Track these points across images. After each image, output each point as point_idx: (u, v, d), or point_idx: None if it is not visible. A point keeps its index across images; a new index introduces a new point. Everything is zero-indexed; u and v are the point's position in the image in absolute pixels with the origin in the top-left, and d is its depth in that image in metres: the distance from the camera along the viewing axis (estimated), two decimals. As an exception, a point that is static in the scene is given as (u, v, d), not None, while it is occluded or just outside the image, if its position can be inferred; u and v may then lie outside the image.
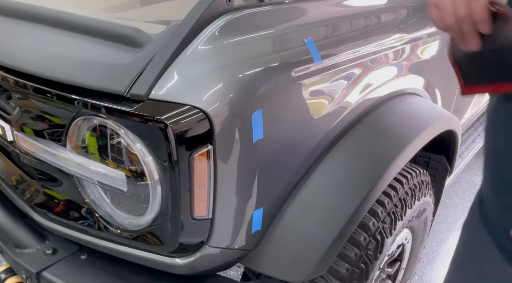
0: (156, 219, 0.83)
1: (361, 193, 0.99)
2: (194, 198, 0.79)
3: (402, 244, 1.40)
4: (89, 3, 1.24)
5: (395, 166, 1.06)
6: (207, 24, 0.81)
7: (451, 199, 2.74)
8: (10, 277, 1.11)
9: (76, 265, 1.01)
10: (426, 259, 2.17)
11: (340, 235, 0.96)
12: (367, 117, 1.12)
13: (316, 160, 1.02)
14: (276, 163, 0.91)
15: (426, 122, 1.21)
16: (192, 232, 0.83)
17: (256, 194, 0.89)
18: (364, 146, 1.08)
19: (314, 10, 1.03)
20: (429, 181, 1.37)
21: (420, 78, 1.38)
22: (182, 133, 0.72)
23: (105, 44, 0.84)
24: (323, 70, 0.94)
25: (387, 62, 1.17)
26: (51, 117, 0.87)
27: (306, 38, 0.92)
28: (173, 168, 0.75)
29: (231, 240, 0.91)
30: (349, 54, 1.02)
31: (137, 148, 0.76)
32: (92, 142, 0.83)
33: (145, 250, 0.89)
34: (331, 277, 1.05)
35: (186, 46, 0.79)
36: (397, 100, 1.24)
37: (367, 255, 1.08)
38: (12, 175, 1.08)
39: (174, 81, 0.75)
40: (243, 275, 1.21)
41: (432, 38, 1.39)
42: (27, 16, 0.96)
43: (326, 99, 0.97)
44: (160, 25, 0.92)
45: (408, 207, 1.21)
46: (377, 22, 1.18)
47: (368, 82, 1.10)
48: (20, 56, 0.90)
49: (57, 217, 0.99)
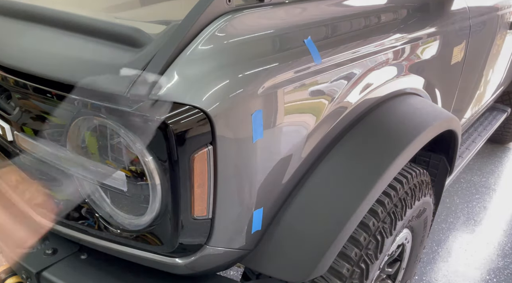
0: (156, 219, 0.83)
1: (361, 193, 0.99)
2: (194, 198, 0.79)
3: (402, 244, 1.40)
4: (89, 3, 1.24)
5: (395, 166, 1.06)
6: (207, 24, 0.81)
7: (451, 199, 2.74)
8: (10, 277, 1.11)
9: (76, 265, 1.01)
10: (426, 259, 2.17)
11: (340, 235, 0.96)
12: (367, 117, 1.12)
13: (316, 159, 1.02)
14: (276, 163, 0.91)
15: (426, 122, 1.21)
16: (192, 232, 0.83)
17: (256, 194, 0.89)
18: (364, 146, 1.08)
19: (314, 10, 1.03)
20: (429, 181, 1.37)
21: (420, 78, 1.38)
22: (182, 133, 0.72)
23: (105, 44, 0.84)
24: (323, 70, 0.94)
25: (387, 62, 1.17)
26: (51, 117, 0.87)
27: (306, 38, 0.92)
28: (173, 168, 0.75)
29: (231, 240, 0.91)
30: (349, 54, 1.02)
31: (137, 148, 0.76)
32: (92, 141, 0.83)
33: (145, 250, 0.89)
34: (331, 277, 1.05)
35: (186, 46, 0.79)
36: (397, 100, 1.24)
37: (367, 255, 1.08)
38: (12, 175, 1.08)
39: (174, 81, 0.75)
40: (243, 275, 1.21)
41: (432, 38, 1.39)
42: (27, 16, 0.96)
43: (326, 99, 0.97)
44: (160, 25, 0.92)
45: (408, 207, 1.21)
46: (377, 22, 1.18)
47: (368, 82, 1.10)
48: (20, 56, 0.90)
49: (57, 217, 0.99)
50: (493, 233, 2.43)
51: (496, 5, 2.00)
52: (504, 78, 2.62)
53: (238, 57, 0.82)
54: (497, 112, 2.86)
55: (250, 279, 1.18)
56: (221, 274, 1.07)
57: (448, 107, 1.75)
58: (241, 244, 0.93)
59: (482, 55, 1.97)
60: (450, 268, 2.14)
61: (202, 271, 0.93)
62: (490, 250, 2.28)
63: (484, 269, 2.14)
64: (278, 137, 0.89)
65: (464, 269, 2.13)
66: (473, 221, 2.53)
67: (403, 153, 1.08)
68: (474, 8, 1.71)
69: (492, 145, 3.47)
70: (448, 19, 1.51)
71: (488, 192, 2.85)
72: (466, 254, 2.24)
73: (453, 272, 2.11)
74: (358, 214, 0.98)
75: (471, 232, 2.43)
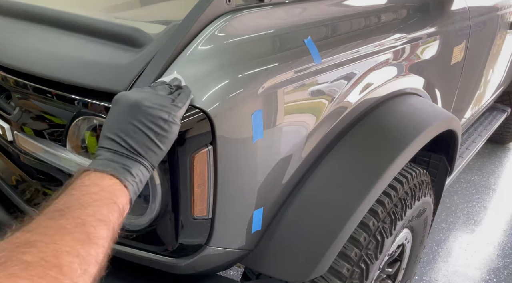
0: (156, 219, 0.83)
1: (361, 193, 0.99)
2: (194, 198, 0.79)
3: (402, 244, 1.40)
4: (89, 3, 1.24)
5: (395, 166, 1.06)
6: (207, 24, 0.81)
7: (451, 199, 2.74)
8: (10, 277, 1.11)
9: (76, 265, 1.01)
10: (426, 259, 2.17)
11: (340, 235, 0.96)
12: (367, 117, 1.12)
13: (316, 159, 1.02)
14: (276, 163, 0.91)
15: (426, 122, 1.21)
16: (192, 232, 0.83)
17: (256, 194, 0.89)
18: (364, 146, 1.08)
19: (314, 10, 1.03)
20: (429, 181, 1.37)
21: (420, 78, 1.38)
22: (182, 133, 0.72)
23: (105, 44, 0.84)
24: (323, 70, 0.94)
25: (387, 62, 1.17)
26: (51, 117, 0.87)
27: (306, 38, 0.92)
28: (173, 168, 0.75)
29: (231, 240, 0.91)
30: (349, 54, 1.02)
31: (137, 147, 0.76)
32: (92, 141, 0.83)
33: (145, 250, 0.89)
34: (331, 277, 1.05)
35: (186, 46, 0.79)
36: (397, 100, 1.24)
37: (367, 255, 1.08)
38: (12, 175, 1.08)
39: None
40: (243, 275, 1.21)
41: (432, 38, 1.39)
42: (27, 16, 0.96)
43: (326, 99, 0.97)
44: (160, 25, 0.92)
45: (408, 207, 1.21)
46: (377, 22, 1.18)
47: (368, 82, 1.10)
48: (20, 56, 0.90)
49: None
50: (493, 233, 2.43)
51: (496, 5, 2.00)
52: (504, 78, 2.62)
53: (238, 57, 0.82)
54: (497, 112, 2.86)
55: (250, 279, 1.18)
56: (221, 274, 1.07)
57: (448, 107, 1.75)
58: (241, 244, 0.93)
59: (482, 55, 1.97)
60: (450, 268, 2.14)
61: (202, 271, 0.93)
62: (490, 250, 2.28)
63: (484, 269, 2.14)
64: (278, 137, 0.89)
65: (464, 269, 2.13)
66: (473, 221, 2.53)
67: (403, 153, 1.08)
68: (474, 8, 1.71)
69: (492, 145, 3.47)
70: (448, 19, 1.51)
71: (488, 192, 2.85)
72: (466, 254, 2.24)
73: (453, 272, 2.11)
74: (358, 214, 0.98)
75: (471, 232, 2.43)
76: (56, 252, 0.44)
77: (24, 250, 0.42)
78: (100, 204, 0.54)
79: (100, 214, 0.53)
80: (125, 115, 0.63)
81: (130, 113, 0.63)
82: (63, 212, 0.50)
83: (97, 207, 0.53)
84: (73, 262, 0.45)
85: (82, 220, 0.50)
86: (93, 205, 0.53)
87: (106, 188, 0.57)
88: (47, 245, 0.44)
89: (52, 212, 0.50)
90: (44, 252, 0.43)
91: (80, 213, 0.51)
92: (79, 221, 0.50)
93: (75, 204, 0.52)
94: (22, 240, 0.44)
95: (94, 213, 0.52)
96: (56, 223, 0.48)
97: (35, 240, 0.44)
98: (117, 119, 0.64)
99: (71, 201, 0.53)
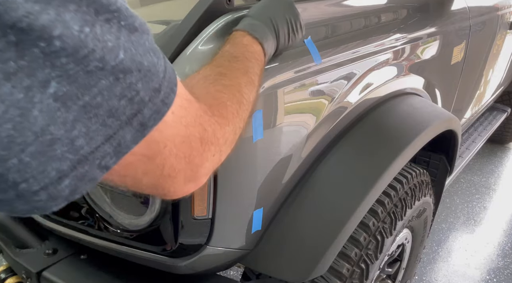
0: (156, 219, 0.83)
1: (361, 193, 0.99)
2: (194, 198, 0.79)
3: (402, 244, 1.40)
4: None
5: (395, 166, 1.06)
6: (207, 24, 0.81)
7: (451, 199, 2.74)
8: (10, 277, 1.11)
9: (76, 265, 1.01)
10: (426, 259, 2.17)
11: (340, 235, 0.96)
12: (367, 117, 1.12)
13: (316, 159, 1.02)
14: (276, 163, 0.91)
15: (426, 122, 1.21)
16: (192, 232, 0.83)
17: (256, 194, 0.89)
18: (364, 146, 1.08)
19: (314, 10, 1.03)
20: (429, 181, 1.37)
21: (420, 78, 1.38)
22: (182, 133, 0.72)
23: (105, 44, 0.84)
24: (323, 70, 0.94)
25: (387, 62, 1.17)
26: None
27: (306, 38, 0.92)
28: (173, 168, 0.75)
29: (231, 240, 0.91)
30: (349, 54, 1.02)
31: (137, 147, 0.76)
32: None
33: (145, 250, 0.89)
34: (331, 277, 1.05)
35: (186, 46, 0.79)
36: (397, 100, 1.24)
37: (367, 255, 1.08)
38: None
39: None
40: (243, 275, 1.21)
41: (432, 38, 1.39)
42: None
43: (326, 99, 0.97)
44: (160, 25, 0.92)
45: (408, 207, 1.21)
46: (377, 22, 1.18)
47: (368, 82, 1.10)
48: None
49: (57, 217, 0.99)
50: (493, 233, 2.43)
51: (496, 5, 2.00)
52: (504, 78, 2.62)
53: (238, 57, 0.82)
54: (497, 112, 2.86)
55: (250, 279, 1.18)
56: (221, 274, 1.07)
57: (448, 107, 1.75)
58: (241, 244, 0.93)
59: (482, 55, 1.97)
60: (450, 268, 2.14)
61: (202, 271, 0.93)
62: (490, 250, 2.28)
63: (484, 269, 2.14)
64: (278, 137, 0.89)
65: (464, 269, 2.13)
66: (473, 221, 2.53)
67: (403, 153, 1.08)
68: (474, 8, 1.72)
69: (492, 145, 3.47)
70: (448, 19, 1.51)
71: (488, 192, 2.85)
72: (466, 254, 2.24)
73: (453, 272, 2.11)
74: (358, 214, 0.98)
75: (471, 232, 2.43)
76: (238, 85, 0.59)
77: (221, 78, 0.59)
78: (255, 63, 0.67)
79: (256, 69, 0.66)
80: (278, 6, 0.77)
81: (282, 7, 0.77)
82: (237, 59, 0.64)
83: (255, 62, 0.67)
84: (246, 93, 0.60)
85: (246, 69, 0.63)
86: (253, 61, 0.66)
87: (258, 52, 0.70)
88: (231, 79, 0.60)
89: (229, 56, 0.65)
90: (232, 80, 0.59)
91: (246, 64, 0.64)
92: (245, 69, 0.63)
93: (241, 57, 0.65)
94: (216, 72, 0.60)
95: (253, 66, 0.66)
96: (231, 65, 0.63)
97: (225, 73, 0.60)
98: (269, 6, 0.78)
99: (240, 52, 0.67)
